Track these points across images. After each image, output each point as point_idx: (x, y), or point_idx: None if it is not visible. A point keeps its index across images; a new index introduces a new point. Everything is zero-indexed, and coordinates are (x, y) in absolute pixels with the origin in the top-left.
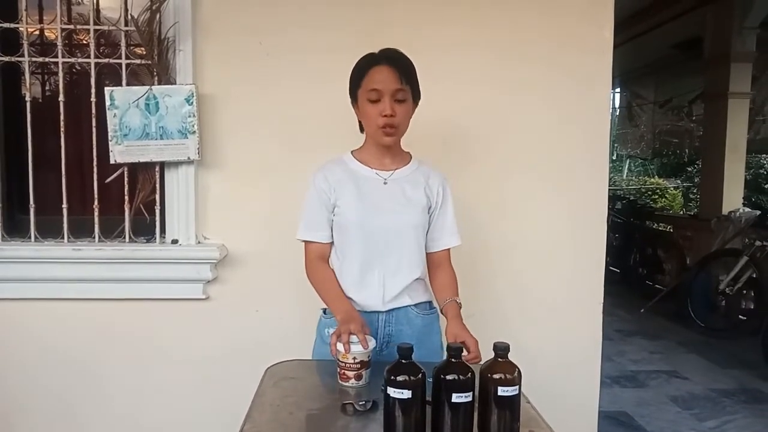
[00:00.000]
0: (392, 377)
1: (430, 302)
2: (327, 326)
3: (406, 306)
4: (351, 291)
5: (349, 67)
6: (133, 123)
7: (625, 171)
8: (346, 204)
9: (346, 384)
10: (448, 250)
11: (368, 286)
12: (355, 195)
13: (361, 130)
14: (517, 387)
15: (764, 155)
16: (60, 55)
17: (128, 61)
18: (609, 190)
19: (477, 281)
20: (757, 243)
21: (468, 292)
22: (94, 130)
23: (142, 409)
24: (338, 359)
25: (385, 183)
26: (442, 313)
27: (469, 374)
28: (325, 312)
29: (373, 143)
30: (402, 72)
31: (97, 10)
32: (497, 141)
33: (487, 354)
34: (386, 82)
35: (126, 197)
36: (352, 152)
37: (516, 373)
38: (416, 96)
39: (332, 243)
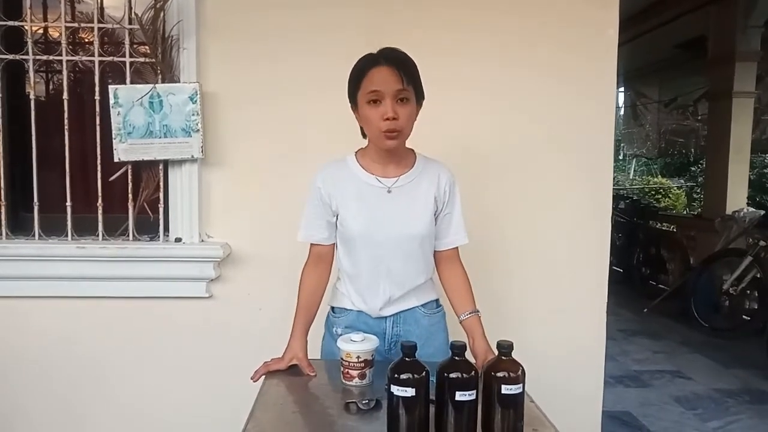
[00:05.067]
0: (396, 375)
1: (436, 300)
2: (334, 324)
3: (413, 307)
4: (357, 299)
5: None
6: (136, 121)
7: (631, 171)
8: (348, 215)
9: (350, 383)
10: (457, 248)
11: (374, 295)
12: (358, 206)
13: (364, 135)
14: (521, 385)
15: None
16: (64, 53)
17: (132, 60)
18: (612, 189)
19: (481, 281)
20: (761, 243)
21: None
22: (98, 128)
23: (146, 407)
24: (342, 358)
25: (389, 192)
26: (461, 324)
27: (473, 372)
28: (333, 309)
29: (376, 149)
30: (404, 72)
31: (101, 9)
32: (502, 141)
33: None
34: (387, 83)
35: (130, 195)
36: (356, 153)
37: (520, 372)
38: (420, 96)
39: (334, 245)
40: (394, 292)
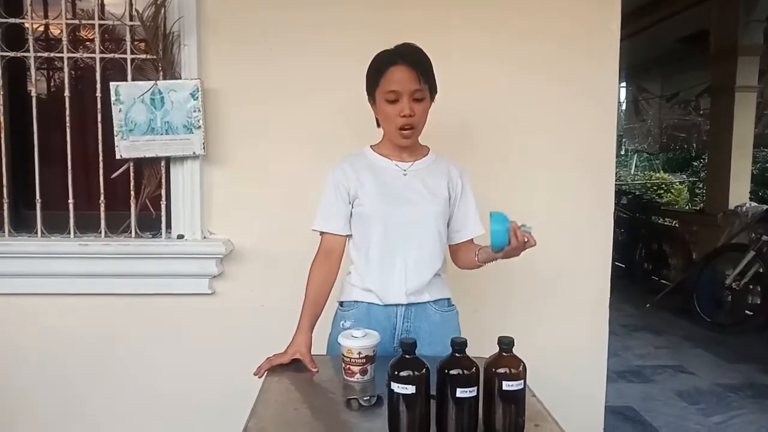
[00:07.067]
0: (396, 372)
1: (448, 299)
2: (343, 318)
3: (425, 302)
4: (373, 283)
5: (353, 66)
6: (138, 118)
7: (633, 166)
8: (366, 195)
9: (351, 379)
10: (473, 240)
11: (390, 278)
12: (376, 186)
13: (378, 125)
14: (522, 381)
15: None
16: (65, 50)
17: (133, 56)
18: (614, 185)
19: (482, 276)
20: (764, 238)
21: (474, 286)
22: (99, 125)
23: (148, 404)
24: (343, 354)
25: (404, 174)
26: (477, 257)
27: (474, 369)
28: (341, 304)
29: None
30: (420, 71)
31: (102, 5)
32: (503, 137)
33: (492, 349)
34: (404, 83)
35: (132, 192)
36: (371, 146)
37: (521, 368)
38: (433, 92)
39: (348, 236)
40: (410, 274)
